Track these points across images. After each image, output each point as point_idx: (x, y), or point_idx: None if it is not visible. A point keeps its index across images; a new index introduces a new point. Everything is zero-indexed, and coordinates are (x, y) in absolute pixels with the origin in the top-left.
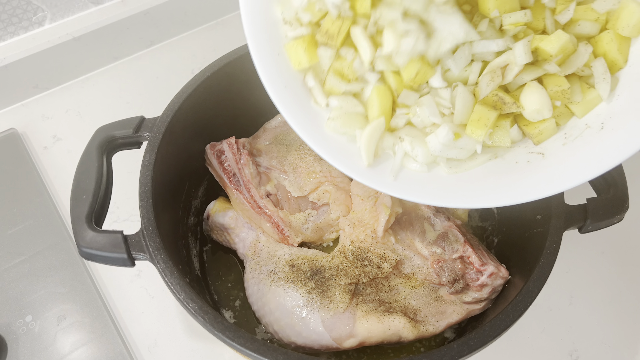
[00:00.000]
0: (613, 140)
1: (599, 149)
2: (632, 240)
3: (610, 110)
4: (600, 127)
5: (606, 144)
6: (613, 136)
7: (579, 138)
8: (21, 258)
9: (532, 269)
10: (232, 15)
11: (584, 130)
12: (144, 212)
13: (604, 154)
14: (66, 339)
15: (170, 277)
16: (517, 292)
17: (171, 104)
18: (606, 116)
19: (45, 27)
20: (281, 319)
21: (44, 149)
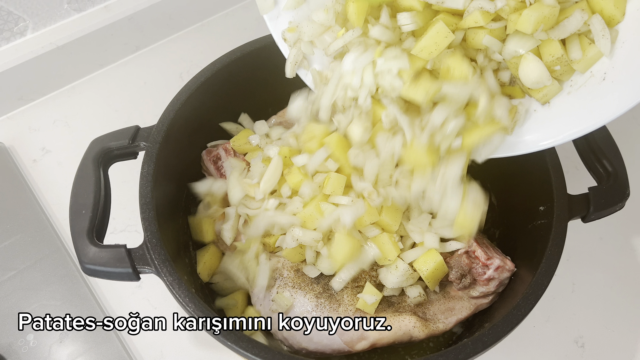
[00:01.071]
0: (614, 93)
1: (600, 101)
2: (628, 225)
3: (611, 62)
4: (602, 78)
5: (608, 96)
6: (614, 88)
7: (583, 87)
8: (13, 272)
9: (539, 261)
10: (217, 16)
11: (588, 79)
12: (147, 224)
13: (605, 107)
14: (68, 354)
15: (179, 290)
16: (525, 286)
17: (166, 112)
18: (608, 66)
19: (27, 37)
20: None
21: (33, 162)
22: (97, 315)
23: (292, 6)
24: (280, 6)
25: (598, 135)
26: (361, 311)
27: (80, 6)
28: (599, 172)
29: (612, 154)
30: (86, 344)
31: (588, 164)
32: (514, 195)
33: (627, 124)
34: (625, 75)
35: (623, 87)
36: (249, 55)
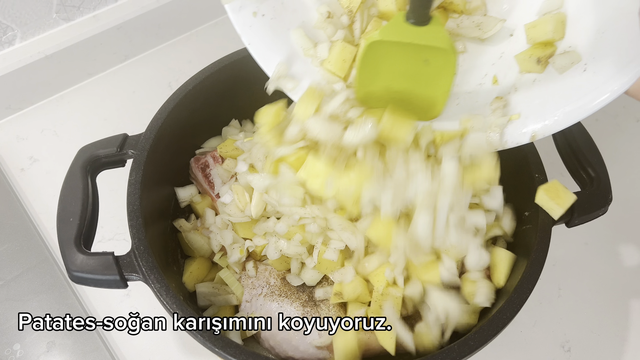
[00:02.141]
0: (595, 83)
1: (583, 91)
2: (612, 230)
3: (591, 52)
4: (583, 70)
5: (590, 87)
6: (595, 79)
7: (564, 78)
8: (0, 283)
9: (524, 266)
10: (206, 25)
11: (568, 69)
12: (134, 232)
13: (588, 97)
14: None
15: (166, 297)
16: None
17: (154, 120)
18: (589, 57)
19: (15, 46)
20: (277, 334)
21: (21, 171)
22: None
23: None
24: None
25: (581, 141)
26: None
27: (69, 15)
28: (582, 178)
29: (595, 160)
30: (74, 354)
31: (571, 170)
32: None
33: (609, 129)
34: (606, 64)
35: (601, 76)
36: (237, 63)
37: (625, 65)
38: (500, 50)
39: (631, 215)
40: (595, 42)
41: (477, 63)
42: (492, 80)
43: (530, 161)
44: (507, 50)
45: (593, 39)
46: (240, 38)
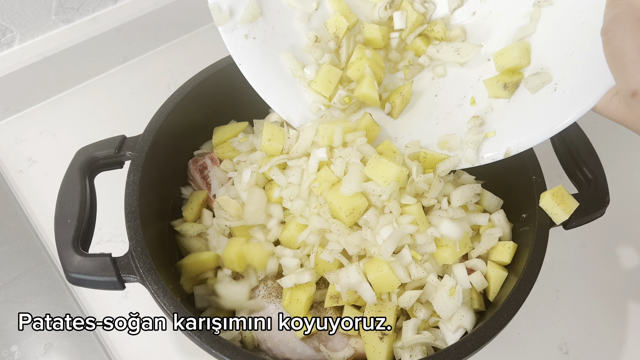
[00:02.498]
0: (566, 101)
1: (555, 109)
2: (610, 232)
3: (560, 73)
4: (554, 89)
5: (560, 104)
6: (564, 97)
7: (535, 98)
8: None
9: (522, 268)
10: (205, 28)
11: (539, 89)
12: (132, 233)
13: (559, 113)
14: None
15: (164, 298)
16: (509, 291)
17: (152, 122)
18: (558, 78)
19: (14, 47)
20: (275, 336)
21: (19, 173)
22: None
23: (247, 20)
24: (236, 19)
25: (578, 144)
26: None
27: (68, 17)
28: (579, 180)
29: (592, 163)
30: (72, 355)
31: (569, 172)
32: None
33: (607, 132)
34: (574, 84)
35: (570, 95)
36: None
37: (591, 84)
38: (478, 74)
39: (629, 218)
40: (564, 64)
41: (456, 86)
42: (470, 102)
43: (528, 163)
44: (485, 74)
45: (562, 61)
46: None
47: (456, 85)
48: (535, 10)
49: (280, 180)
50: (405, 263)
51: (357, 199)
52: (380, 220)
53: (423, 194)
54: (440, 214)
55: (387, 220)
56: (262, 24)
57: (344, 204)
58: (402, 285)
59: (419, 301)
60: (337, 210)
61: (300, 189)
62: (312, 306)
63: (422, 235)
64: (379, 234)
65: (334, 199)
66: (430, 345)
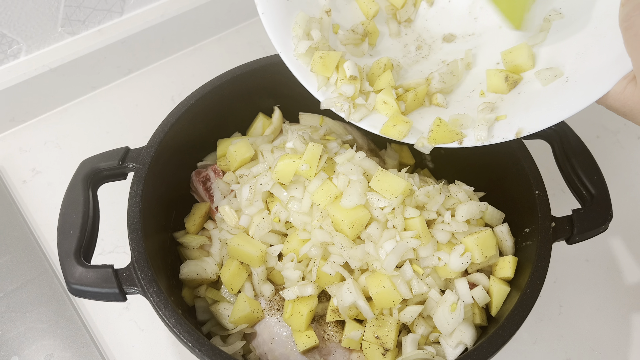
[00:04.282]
0: (575, 89)
1: (566, 97)
2: (613, 247)
3: (573, 67)
4: (566, 81)
5: (571, 92)
6: (575, 86)
7: (548, 89)
8: (0, 294)
9: (524, 283)
10: (209, 40)
11: (551, 81)
12: (134, 245)
13: (570, 100)
14: None
15: (165, 311)
16: (511, 306)
17: (156, 134)
18: (570, 71)
19: (20, 59)
20: (276, 350)
21: (23, 183)
22: (83, 337)
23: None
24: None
25: (581, 158)
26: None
27: (74, 29)
28: (582, 195)
29: (595, 177)
30: None
31: (572, 187)
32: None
33: (610, 146)
34: (584, 76)
35: (582, 84)
36: (239, 78)
37: (604, 74)
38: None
39: (632, 233)
40: (575, 61)
41: (465, 82)
42: (479, 94)
43: (531, 177)
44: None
45: (573, 59)
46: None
47: (465, 82)
48: (545, 23)
49: (281, 196)
50: (407, 278)
51: (360, 211)
52: (384, 234)
53: (424, 207)
54: (444, 228)
55: (390, 235)
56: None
57: (346, 217)
58: (404, 300)
59: (421, 316)
60: (339, 223)
61: (302, 202)
62: (314, 320)
63: (425, 248)
64: (382, 248)
65: (336, 211)
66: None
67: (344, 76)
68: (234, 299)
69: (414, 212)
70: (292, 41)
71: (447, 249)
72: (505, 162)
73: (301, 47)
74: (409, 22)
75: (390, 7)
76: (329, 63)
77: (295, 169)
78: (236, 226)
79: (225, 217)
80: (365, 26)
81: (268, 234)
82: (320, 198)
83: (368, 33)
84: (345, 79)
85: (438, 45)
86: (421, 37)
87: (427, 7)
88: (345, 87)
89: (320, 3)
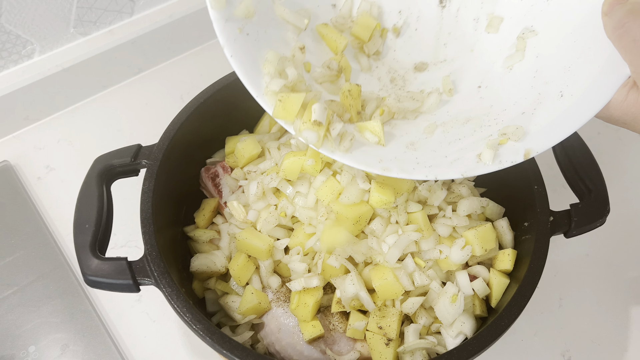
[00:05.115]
0: (573, 107)
1: (563, 114)
2: (614, 241)
3: (565, 80)
4: (560, 95)
5: (569, 110)
6: (572, 102)
7: (542, 106)
8: (15, 288)
9: (523, 275)
10: (216, 40)
11: (541, 98)
12: (147, 238)
13: (568, 119)
14: None
15: (177, 301)
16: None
17: (167, 132)
18: (563, 85)
19: (34, 59)
20: (283, 339)
21: (38, 180)
22: (98, 329)
23: (243, 14)
24: (231, 10)
25: (580, 155)
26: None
27: (86, 30)
28: (580, 190)
29: (593, 173)
30: (87, 356)
31: (570, 182)
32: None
33: (611, 142)
34: (580, 89)
35: (579, 98)
36: None
37: (600, 85)
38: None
39: (633, 227)
40: (563, 75)
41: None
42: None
43: (530, 173)
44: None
45: (562, 74)
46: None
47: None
48: (520, 42)
49: (287, 192)
50: (409, 271)
51: (363, 207)
52: (387, 229)
53: (426, 202)
54: (445, 222)
55: (393, 229)
56: (256, 24)
57: (349, 213)
58: (406, 292)
59: (422, 307)
60: (343, 220)
61: (308, 198)
62: (319, 310)
63: (427, 242)
64: (384, 242)
65: (339, 208)
66: (432, 350)
67: (308, 119)
68: (242, 291)
69: (416, 206)
70: (263, 80)
71: (448, 242)
72: None
73: (274, 84)
74: (377, 54)
75: (357, 42)
76: (289, 107)
77: (301, 165)
78: (244, 221)
79: (233, 212)
80: (338, 61)
81: (275, 228)
82: (324, 194)
83: (342, 69)
84: (309, 122)
85: (411, 75)
86: (392, 68)
87: (393, 38)
88: (306, 132)
89: (290, 42)
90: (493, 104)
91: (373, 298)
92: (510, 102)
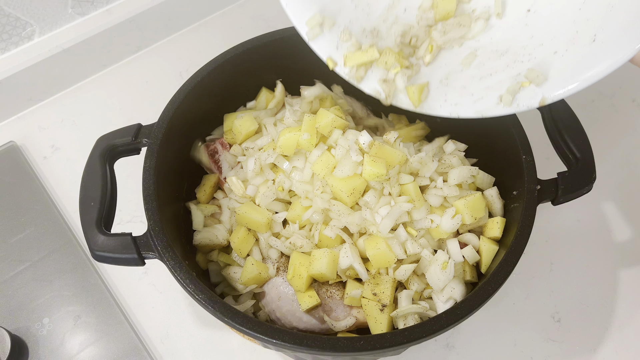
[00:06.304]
0: (605, 51)
1: (595, 58)
2: (604, 208)
3: (601, 24)
4: (592, 40)
5: (600, 54)
6: (604, 47)
7: (574, 49)
8: (28, 263)
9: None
10: (214, 16)
11: (576, 40)
12: (150, 214)
13: (600, 62)
14: (83, 336)
15: (180, 273)
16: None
17: (166, 110)
18: (598, 29)
19: (34, 40)
20: (283, 307)
21: (44, 159)
22: (107, 301)
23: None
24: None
25: (568, 123)
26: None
27: (84, 10)
28: (568, 158)
29: (580, 141)
30: (99, 326)
31: (559, 151)
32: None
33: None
34: (613, 33)
35: (611, 45)
36: (245, 53)
37: (630, 36)
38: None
39: (622, 194)
40: (604, 15)
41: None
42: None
43: (519, 142)
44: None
45: (603, 12)
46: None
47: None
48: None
49: (284, 167)
50: (401, 240)
51: (356, 180)
52: (380, 201)
53: (418, 173)
54: (436, 192)
55: (386, 201)
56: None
57: (344, 186)
58: (399, 260)
59: (415, 273)
60: (338, 192)
61: (304, 172)
62: (315, 280)
63: (418, 212)
64: (377, 213)
65: (334, 181)
66: (424, 315)
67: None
68: (243, 262)
69: (407, 178)
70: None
71: (439, 212)
72: (496, 129)
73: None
74: None
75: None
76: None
77: (296, 140)
78: (243, 195)
79: (233, 188)
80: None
81: (273, 202)
82: (319, 168)
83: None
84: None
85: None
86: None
87: None
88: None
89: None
90: (534, 34)
91: (367, 266)
92: (549, 36)
